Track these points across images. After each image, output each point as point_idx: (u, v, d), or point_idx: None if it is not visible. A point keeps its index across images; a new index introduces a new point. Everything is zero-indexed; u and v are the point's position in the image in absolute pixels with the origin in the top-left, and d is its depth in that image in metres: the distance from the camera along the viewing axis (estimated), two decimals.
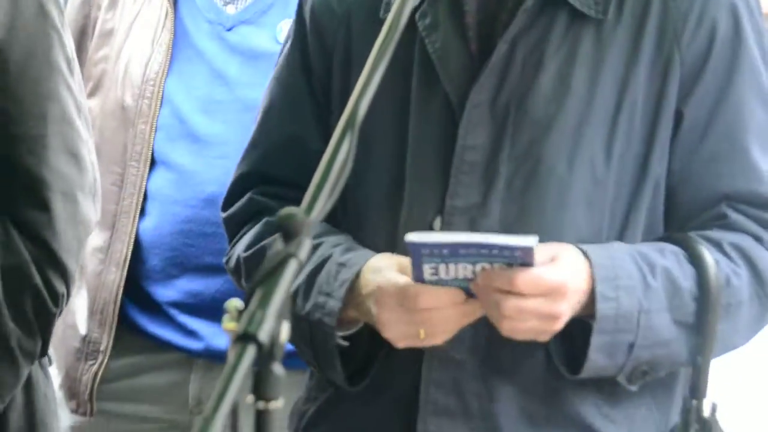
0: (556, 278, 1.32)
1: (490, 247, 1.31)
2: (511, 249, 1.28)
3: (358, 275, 1.40)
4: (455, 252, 1.31)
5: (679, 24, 1.47)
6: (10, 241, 1.76)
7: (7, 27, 1.72)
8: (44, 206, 1.77)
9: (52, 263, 1.81)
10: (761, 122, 1.50)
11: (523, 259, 1.29)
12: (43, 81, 1.78)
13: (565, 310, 1.34)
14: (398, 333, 1.39)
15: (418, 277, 1.31)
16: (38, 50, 1.78)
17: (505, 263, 1.32)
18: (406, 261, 1.38)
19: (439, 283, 1.35)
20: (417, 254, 1.29)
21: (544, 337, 1.35)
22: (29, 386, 1.83)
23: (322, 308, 1.44)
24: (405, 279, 1.39)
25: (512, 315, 1.32)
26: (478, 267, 1.32)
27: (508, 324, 1.32)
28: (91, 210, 1.86)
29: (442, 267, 1.32)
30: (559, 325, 1.33)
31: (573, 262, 1.37)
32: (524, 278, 1.30)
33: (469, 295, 1.36)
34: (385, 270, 1.41)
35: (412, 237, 1.29)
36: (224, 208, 1.65)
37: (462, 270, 1.32)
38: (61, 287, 1.78)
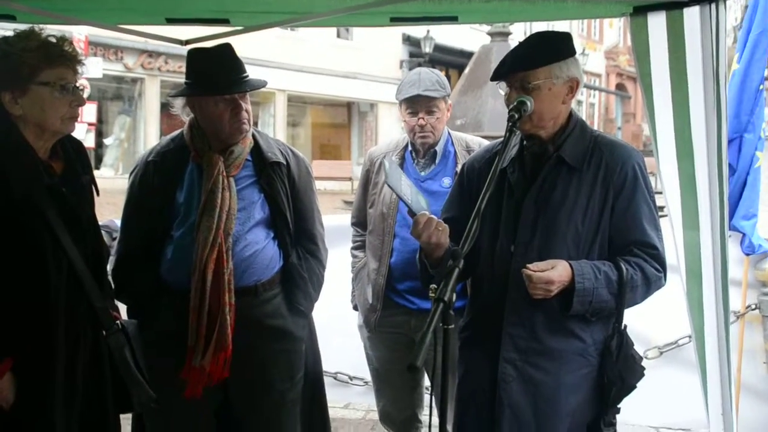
0: (548, 276, 2.01)
1: None
2: None
3: None
4: None
5: (612, 172, 2.15)
6: (306, 258, 2.61)
7: (297, 173, 2.58)
8: (315, 243, 2.69)
9: (323, 266, 2.67)
10: (647, 213, 2.16)
11: None
12: (311, 194, 2.67)
13: (554, 289, 2.02)
14: None
15: None
16: (308, 184, 2.66)
17: None
18: None
19: None
20: None
21: (547, 297, 2.02)
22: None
23: None
24: None
25: (534, 291, 2.03)
26: None
27: (533, 293, 2.03)
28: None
29: None
30: (552, 294, 2.01)
31: (560, 267, 2.03)
32: (539, 276, 2.01)
33: None
34: None
35: None
36: None
37: None
38: (323, 277, 2.64)
